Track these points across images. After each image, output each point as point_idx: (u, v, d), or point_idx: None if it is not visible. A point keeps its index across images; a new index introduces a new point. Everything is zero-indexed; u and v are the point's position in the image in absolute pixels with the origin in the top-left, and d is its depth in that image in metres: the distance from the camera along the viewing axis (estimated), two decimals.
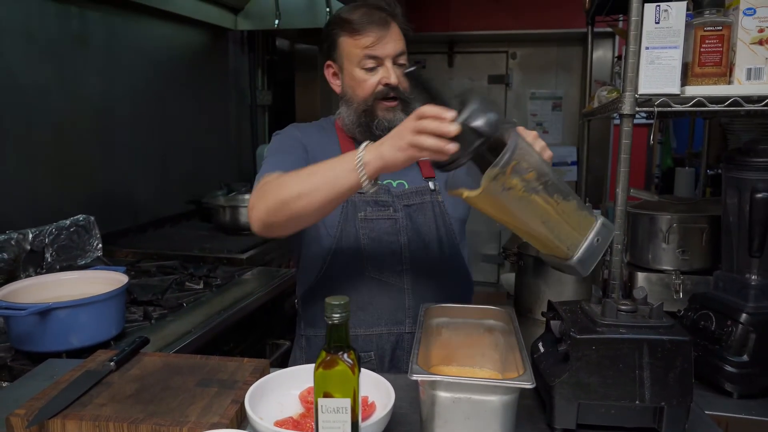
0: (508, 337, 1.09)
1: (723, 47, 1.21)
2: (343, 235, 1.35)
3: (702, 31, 1.21)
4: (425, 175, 1.41)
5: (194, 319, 1.65)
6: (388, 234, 1.35)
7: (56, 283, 1.51)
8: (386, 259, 1.34)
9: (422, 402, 0.92)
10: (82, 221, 2.16)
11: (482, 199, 0.94)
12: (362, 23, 1.30)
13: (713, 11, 1.23)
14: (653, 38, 1.20)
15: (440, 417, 0.90)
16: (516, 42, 4.85)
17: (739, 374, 1.24)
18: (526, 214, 0.97)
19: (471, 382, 0.89)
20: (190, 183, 3.10)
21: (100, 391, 1.04)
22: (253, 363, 1.16)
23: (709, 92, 1.21)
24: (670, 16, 1.19)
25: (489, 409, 0.89)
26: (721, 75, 1.22)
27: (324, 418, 0.78)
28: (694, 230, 1.67)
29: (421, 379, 0.89)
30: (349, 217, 1.35)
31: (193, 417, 0.96)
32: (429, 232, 1.37)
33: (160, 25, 2.89)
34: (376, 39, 1.29)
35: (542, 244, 1.03)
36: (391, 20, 1.32)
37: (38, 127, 2.18)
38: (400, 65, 1.33)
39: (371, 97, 1.32)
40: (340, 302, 0.77)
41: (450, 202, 1.41)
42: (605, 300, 1.03)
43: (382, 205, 1.35)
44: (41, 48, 2.19)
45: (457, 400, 0.89)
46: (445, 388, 0.89)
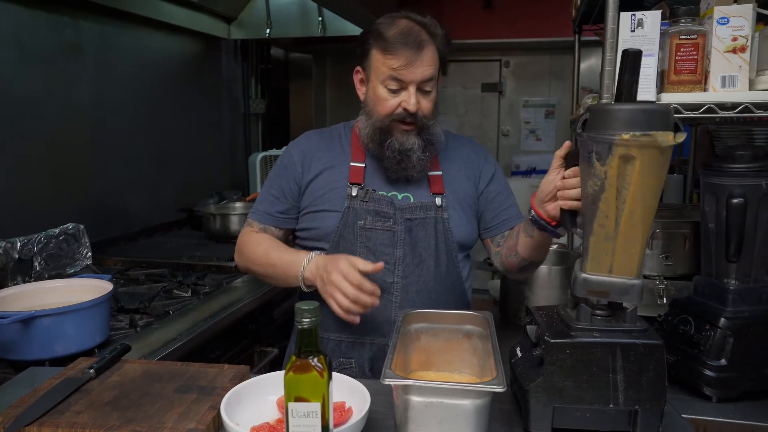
0: (486, 342, 1.10)
1: (698, 55, 1.22)
2: (340, 241, 1.37)
3: (677, 39, 1.23)
4: (433, 191, 1.41)
5: (180, 327, 1.66)
6: (385, 245, 1.36)
7: (41, 291, 1.52)
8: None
9: (396, 406, 0.93)
10: (71, 230, 2.17)
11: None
12: (395, 44, 1.28)
13: (688, 20, 1.24)
14: (629, 46, 1.21)
15: (414, 421, 0.91)
16: (509, 50, 4.88)
17: (717, 378, 1.25)
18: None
19: (443, 387, 0.90)
20: (183, 191, 3.11)
21: (79, 399, 1.05)
22: (233, 369, 1.17)
23: (685, 99, 1.22)
24: (646, 24, 1.21)
25: (461, 413, 0.90)
26: (696, 82, 1.23)
27: (294, 422, 0.79)
28: (677, 236, 1.68)
29: (394, 383, 0.89)
30: (349, 223, 1.36)
31: (170, 423, 0.96)
32: (427, 248, 1.38)
33: (154, 34, 2.92)
34: (404, 63, 1.28)
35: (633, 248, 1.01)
36: (426, 43, 1.30)
37: (30, 135, 2.20)
38: (425, 92, 1.32)
39: (389, 117, 1.33)
40: (310, 307, 0.78)
41: (456, 221, 1.41)
42: (580, 305, 1.03)
43: (382, 216, 1.36)
44: (33, 57, 2.21)
45: (430, 404, 0.90)
46: (417, 392, 0.90)
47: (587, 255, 1.01)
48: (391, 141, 1.34)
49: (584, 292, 1.01)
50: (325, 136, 1.49)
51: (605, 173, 0.95)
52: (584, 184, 1.00)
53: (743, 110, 1.22)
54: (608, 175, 0.95)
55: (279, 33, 3.42)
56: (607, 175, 0.95)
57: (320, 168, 1.42)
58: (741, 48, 1.22)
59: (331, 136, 1.48)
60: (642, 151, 0.92)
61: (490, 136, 5.03)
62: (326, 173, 1.41)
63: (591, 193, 0.98)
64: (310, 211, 1.41)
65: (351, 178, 1.39)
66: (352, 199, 1.37)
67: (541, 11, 4.32)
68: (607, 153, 0.94)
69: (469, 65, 5.00)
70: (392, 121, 1.34)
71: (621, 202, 0.96)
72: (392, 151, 1.34)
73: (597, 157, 0.95)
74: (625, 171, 0.94)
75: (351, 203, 1.37)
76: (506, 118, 5.00)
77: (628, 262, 0.99)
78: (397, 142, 1.34)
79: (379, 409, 1.06)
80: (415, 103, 1.30)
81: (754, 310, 1.28)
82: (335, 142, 1.47)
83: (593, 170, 0.96)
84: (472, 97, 5.03)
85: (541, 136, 4.91)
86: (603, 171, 0.95)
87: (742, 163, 1.27)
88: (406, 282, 1.36)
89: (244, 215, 2.61)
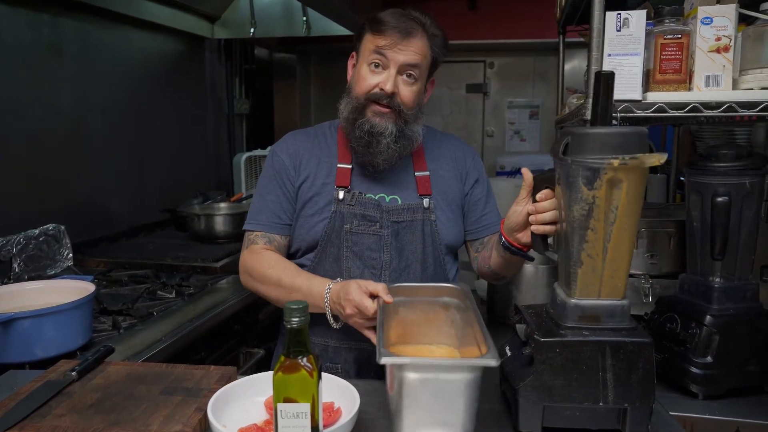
0: (464, 313, 1.11)
1: (682, 55, 1.23)
2: (327, 246, 1.35)
3: (662, 39, 1.24)
4: (421, 192, 1.39)
5: (164, 328, 1.63)
6: (371, 250, 1.34)
7: (20, 293, 1.48)
8: (365, 275, 1.33)
9: (390, 384, 0.93)
10: (52, 230, 2.13)
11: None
12: (387, 23, 1.28)
13: (673, 20, 1.25)
14: (615, 45, 1.22)
15: (408, 396, 0.91)
16: (493, 51, 4.90)
17: (703, 375, 1.26)
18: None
19: (437, 363, 0.92)
20: (167, 192, 3.07)
21: (60, 402, 1.02)
22: (219, 371, 1.15)
23: (670, 98, 1.23)
24: (631, 23, 1.21)
25: (455, 388, 0.90)
26: (681, 82, 1.24)
27: (284, 423, 0.78)
28: (662, 235, 1.69)
29: (390, 362, 0.89)
30: (336, 227, 1.34)
31: (155, 426, 0.95)
32: (414, 251, 1.36)
33: (136, 33, 2.88)
34: (390, 42, 1.27)
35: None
36: (417, 33, 1.29)
37: (9, 135, 2.15)
38: (408, 80, 1.30)
39: (365, 95, 1.31)
40: (299, 306, 0.77)
41: (444, 223, 1.39)
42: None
43: (369, 219, 1.34)
44: (12, 56, 2.16)
45: (425, 380, 0.90)
46: (412, 369, 0.90)
47: (575, 281, 1.01)
48: (363, 121, 1.31)
49: (576, 318, 1.01)
50: (311, 136, 1.46)
51: (593, 197, 0.96)
52: (568, 208, 0.99)
53: (727, 109, 1.23)
54: (596, 198, 0.96)
55: (263, 33, 3.40)
56: (595, 198, 0.96)
57: (308, 171, 1.40)
58: (724, 48, 1.23)
59: (317, 137, 1.46)
60: (629, 174, 0.94)
61: (475, 137, 5.05)
62: (313, 176, 1.39)
63: (578, 217, 0.98)
64: (298, 216, 1.39)
65: (338, 180, 1.37)
66: (339, 202, 1.35)
67: (525, 13, 4.34)
68: (595, 177, 0.95)
69: (454, 66, 5.00)
70: (368, 100, 1.31)
71: (609, 224, 0.97)
72: (362, 132, 1.31)
73: (584, 182, 0.96)
74: (611, 194, 0.95)
75: (338, 207, 1.35)
76: (491, 118, 5.02)
77: (616, 283, 1.00)
78: (369, 123, 1.31)
79: (368, 409, 1.05)
80: (393, 84, 1.28)
81: (739, 307, 1.29)
82: (321, 143, 1.44)
83: (579, 195, 0.97)
84: (457, 98, 5.04)
85: (526, 137, 4.94)
86: (590, 195, 0.96)
87: (726, 162, 1.28)
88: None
89: (229, 216, 2.58)
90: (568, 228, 1.00)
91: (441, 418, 0.92)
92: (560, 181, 1.01)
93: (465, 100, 5.04)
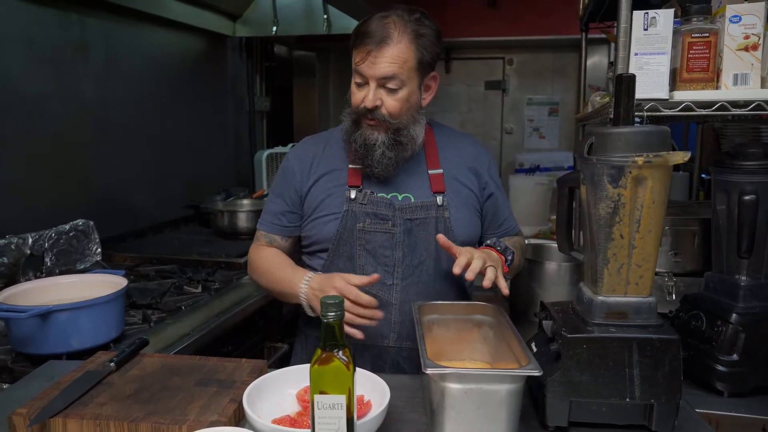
0: (498, 330, 1.12)
1: (710, 53, 1.23)
2: (340, 245, 1.37)
3: (690, 38, 1.24)
4: (434, 190, 1.40)
5: (192, 322, 1.67)
6: (384, 248, 1.36)
7: (56, 286, 1.52)
8: (378, 272, 1.34)
9: (432, 393, 0.94)
10: (81, 226, 2.18)
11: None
12: (361, 36, 1.28)
13: (700, 18, 1.25)
14: (642, 44, 1.23)
15: (452, 408, 0.92)
16: (512, 48, 4.89)
17: (729, 373, 1.26)
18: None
19: (481, 373, 0.92)
20: (190, 188, 3.12)
21: (101, 391, 1.06)
22: (250, 363, 1.18)
23: (697, 97, 1.23)
24: (658, 23, 1.22)
25: (498, 398, 0.92)
26: (708, 80, 1.24)
27: (320, 414, 0.80)
28: (686, 233, 1.69)
29: (433, 372, 0.91)
30: (348, 226, 1.36)
31: (192, 415, 0.98)
32: (428, 248, 1.37)
33: (159, 32, 2.92)
34: (365, 57, 1.27)
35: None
36: (392, 40, 1.26)
37: (38, 133, 2.20)
38: (390, 90, 1.29)
39: (356, 111, 1.33)
40: (335, 301, 0.79)
41: (458, 220, 1.39)
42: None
43: (381, 218, 1.35)
44: (41, 55, 2.21)
45: (469, 390, 0.91)
46: (456, 379, 0.91)
47: (601, 279, 1.02)
48: (358, 134, 1.34)
49: (602, 315, 1.02)
50: (322, 141, 1.48)
51: (618, 195, 0.97)
52: (594, 206, 1.00)
53: (755, 108, 1.23)
54: (621, 196, 0.97)
55: (285, 31, 3.43)
56: (621, 196, 0.97)
57: (319, 174, 1.42)
58: (753, 46, 1.23)
59: (328, 141, 1.48)
60: (653, 172, 0.95)
61: (494, 134, 5.04)
62: (325, 178, 1.41)
63: (603, 215, 0.99)
64: (311, 217, 1.41)
65: (349, 180, 1.39)
66: (351, 202, 1.36)
67: (545, 9, 4.33)
68: (620, 175, 0.96)
69: (473, 63, 5.00)
70: (359, 115, 1.34)
71: (634, 222, 0.98)
72: (357, 144, 1.34)
73: (609, 180, 0.97)
74: (636, 192, 0.97)
75: (350, 206, 1.36)
76: (509, 116, 5.01)
77: (642, 280, 1.01)
78: (362, 136, 1.33)
79: (397, 403, 1.07)
80: (372, 99, 1.29)
81: (766, 305, 1.29)
82: (332, 147, 1.46)
83: (605, 193, 0.98)
84: (476, 95, 5.04)
85: (545, 134, 4.92)
86: (616, 193, 0.97)
87: (753, 160, 1.27)
88: (405, 284, 1.36)
89: (251, 212, 2.62)
90: (593, 227, 1.02)
91: (483, 430, 0.93)
92: (585, 181, 1.02)
93: (483, 97, 5.03)
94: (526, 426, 1.04)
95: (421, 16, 1.32)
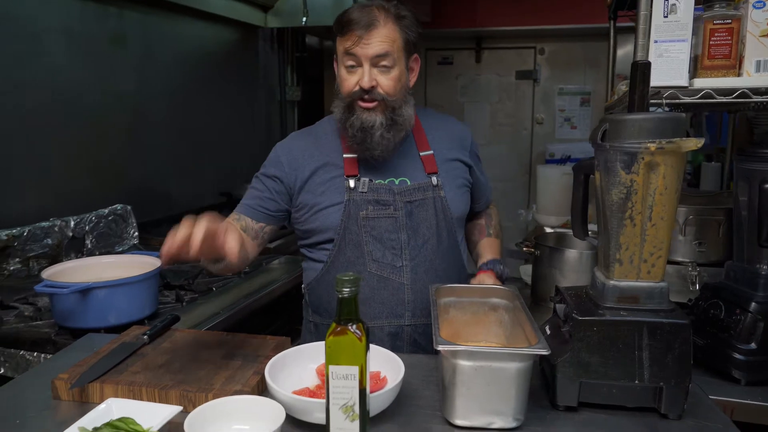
0: (513, 314, 1.15)
1: (732, 40, 1.23)
2: (346, 233, 1.40)
3: (711, 24, 1.23)
4: (428, 171, 1.44)
5: (222, 303, 1.75)
6: (389, 232, 1.39)
7: (96, 265, 1.62)
8: (387, 256, 1.39)
9: (444, 370, 0.98)
10: (119, 210, 2.28)
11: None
12: (348, 23, 1.32)
13: (723, 5, 1.25)
14: (662, 32, 1.23)
15: (463, 384, 0.96)
16: (544, 38, 4.84)
17: (747, 362, 1.27)
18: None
19: (491, 351, 0.96)
20: (223, 176, 3.22)
21: (135, 361, 1.13)
22: (275, 340, 1.24)
23: (718, 84, 1.23)
24: (679, 9, 1.22)
25: (507, 376, 0.95)
26: (730, 67, 1.24)
27: (334, 384, 0.85)
28: (710, 223, 1.68)
29: (445, 348, 0.95)
30: (352, 215, 1.39)
31: (217, 385, 1.04)
32: (429, 227, 1.42)
33: (194, 23, 3.01)
34: (356, 40, 1.31)
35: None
36: (380, 22, 1.32)
37: (79, 122, 2.31)
38: (383, 69, 1.33)
39: (350, 96, 1.36)
40: (350, 278, 0.84)
41: (452, 198, 1.45)
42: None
43: (383, 204, 1.39)
44: (81, 47, 2.31)
45: (479, 368, 0.95)
46: (467, 356, 0.95)
47: (614, 264, 1.04)
48: (353, 119, 1.36)
49: (614, 299, 1.05)
50: (312, 134, 1.51)
51: (631, 181, 0.99)
52: (607, 192, 1.02)
53: None
54: (634, 182, 0.99)
55: (315, 21, 3.47)
56: (633, 182, 0.99)
57: (314, 167, 1.43)
58: None
59: (317, 134, 1.50)
60: (665, 158, 0.97)
61: (524, 124, 5.02)
62: (321, 170, 1.43)
63: (616, 200, 1.01)
64: (313, 210, 1.43)
65: (346, 170, 1.41)
66: (351, 191, 1.39)
67: None
68: (632, 161, 0.98)
69: (504, 53, 4.98)
70: (353, 100, 1.36)
71: (647, 208, 1.00)
72: (354, 129, 1.36)
73: (622, 166, 0.99)
74: (649, 178, 0.98)
75: (350, 195, 1.39)
76: (540, 105, 4.97)
77: (655, 268, 1.03)
78: (359, 120, 1.35)
79: (412, 380, 1.12)
80: (369, 79, 1.32)
81: None
82: (322, 139, 1.48)
83: (618, 179, 1.00)
84: (506, 85, 5.02)
85: (576, 124, 4.87)
86: (628, 179, 0.99)
87: None
88: (414, 264, 1.40)
89: None
90: (607, 212, 1.04)
91: (493, 406, 0.97)
92: (599, 168, 1.04)
93: (514, 87, 5.01)
94: (537, 406, 1.07)
95: (397, 2, 1.39)
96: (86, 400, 1.04)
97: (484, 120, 5.08)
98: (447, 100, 5.08)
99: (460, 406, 0.97)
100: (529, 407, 1.03)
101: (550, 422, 1.03)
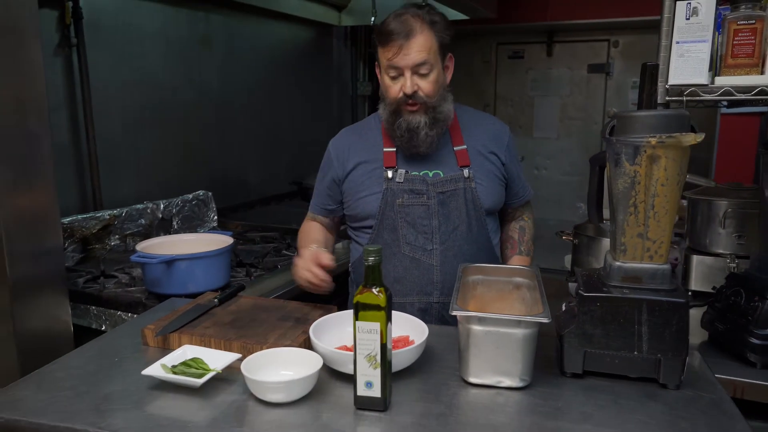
0: (533, 292, 1.28)
1: (756, 39, 1.28)
2: (384, 218, 1.57)
3: (735, 25, 1.29)
4: (460, 164, 1.58)
5: (285, 279, 1.97)
6: (422, 218, 1.55)
7: (180, 241, 1.89)
8: (419, 240, 1.54)
9: (460, 334, 1.14)
10: (202, 196, 2.57)
11: None
12: (387, 35, 1.46)
13: (749, 6, 1.30)
14: (683, 33, 1.30)
15: (475, 346, 1.11)
16: (618, 30, 4.76)
17: (762, 346, 1.32)
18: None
19: (498, 317, 1.10)
20: (295, 166, 3.48)
21: (206, 319, 1.36)
22: (324, 307, 1.44)
23: (737, 82, 1.28)
24: (700, 12, 1.28)
25: (514, 340, 1.10)
26: (753, 66, 1.29)
27: (360, 336, 1.02)
28: (750, 216, 1.71)
29: (459, 314, 1.11)
30: (389, 202, 1.56)
31: (271, 340, 1.25)
32: (459, 215, 1.55)
33: (273, 24, 3.27)
34: (397, 51, 1.44)
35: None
36: (417, 31, 1.43)
37: (170, 117, 2.62)
38: (422, 75, 1.47)
39: (395, 102, 1.51)
40: (375, 249, 1.01)
41: (483, 190, 1.57)
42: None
43: (417, 193, 1.55)
44: (175, 49, 2.61)
45: (488, 332, 1.10)
46: (478, 322, 1.10)
47: (620, 246, 1.15)
48: (400, 122, 1.51)
49: (619, 279, 1.16)
50: (358, 130, 1.69)
51: (634, 172, 1.10)
52: (614, 182, 1.14)
53: None
54: (637, 173, 1.09)
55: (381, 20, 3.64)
56: (636, 173, 1.10)
57: (357, 160, 1.61)
58: None
59: (363, 129, 1.67)
60: (667, 151, 1.07)
61: (595, 118, 4.96)
62: (363, 163, 1.60)
63: (622, 189, 1.12)
64: (354, 198, 1.60)
65: (385, 162, 1.58)
66: (389, 181, 1.55)
67: None
68: (636, 154, 1.09)
69: (576, 46, 4.94)
70: (399, 104, 1.50)
71: (650, 197, 1.10)
72: (401, 131, 1.51)
73: (627, 158, 1.10)
74: (651, 170, 1.08)
75: (388, 185, 1.55)
76: (613, 99, 4.90)
77: (658, 250, 1.13)
78: (405, 122, 1.50)
79: (437, 346, 1.28)
80: (411, 85, 1.46)
81: None
82: (368, 134, 1.65)
83: (623, 170, 1.11)
84: (578, 79, 4.98)
85: None
86: (632, 170, 1.10)
87: None
88: (444, 248, 1.55)
89: None
90: (614, 200, 1.14)
91: (501, 367, 1.11)
92: (609, 159, 1.15)
93: (586, 81, 4.96)
94: (548, 373, 1.19)
95: (429, 7, 1.51)
96: (167, 347, 1.27)
97: (553, 114, 5.07)
98: (517, 94, 5.11)
99: (473, 365, 1.12)
100: (541, 374, 1.17)
101: (557, 385, 1.15)
